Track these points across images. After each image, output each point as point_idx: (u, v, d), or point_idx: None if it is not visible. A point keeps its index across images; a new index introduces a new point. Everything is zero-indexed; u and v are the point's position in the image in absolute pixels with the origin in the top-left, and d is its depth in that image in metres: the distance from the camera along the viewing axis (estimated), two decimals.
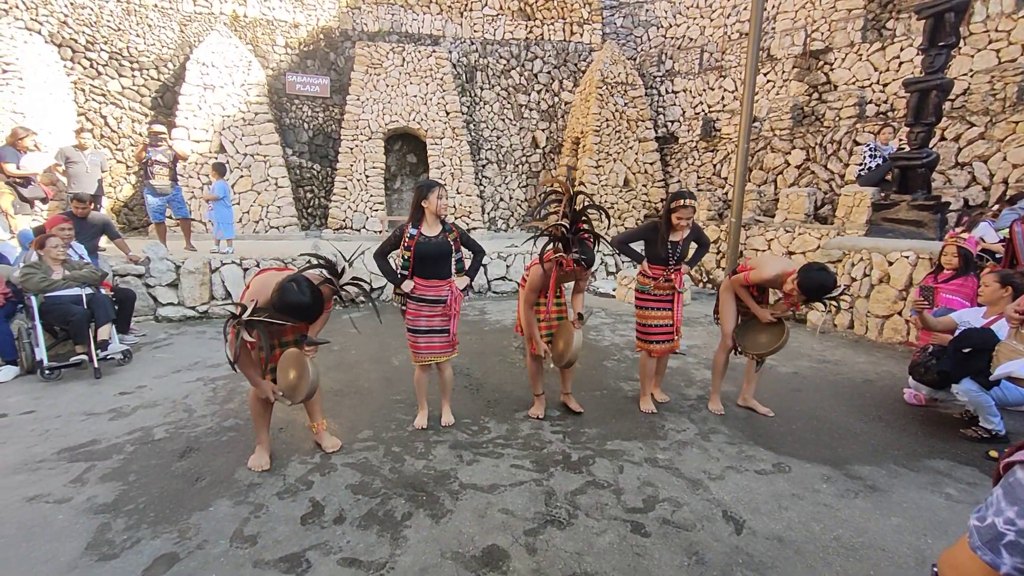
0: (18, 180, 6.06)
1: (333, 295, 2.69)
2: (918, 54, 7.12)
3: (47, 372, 3.98)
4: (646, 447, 3.06)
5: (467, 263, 3.35)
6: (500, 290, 8.23)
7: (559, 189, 3.15)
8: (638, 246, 3.58)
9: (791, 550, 2.15)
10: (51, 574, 1.92)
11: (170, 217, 7.37)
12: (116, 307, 4.60)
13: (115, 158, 10.15)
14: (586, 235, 3.07)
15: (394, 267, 3.17)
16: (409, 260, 3.06)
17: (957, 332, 3.25)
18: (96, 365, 4.09)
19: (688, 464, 2.86)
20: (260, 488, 2.53)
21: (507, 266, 8.29)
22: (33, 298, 4.05)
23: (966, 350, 3.09)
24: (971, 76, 7.61)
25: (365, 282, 2.77)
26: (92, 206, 5.28)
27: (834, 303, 3.18)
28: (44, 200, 6.49)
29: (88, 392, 3.79)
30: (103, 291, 4.49)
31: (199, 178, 9.80)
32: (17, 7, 9.65)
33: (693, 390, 4.07)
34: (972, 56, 7.77)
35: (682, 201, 3.31)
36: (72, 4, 9.97)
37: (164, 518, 2.27)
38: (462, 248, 3.24)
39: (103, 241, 5.54)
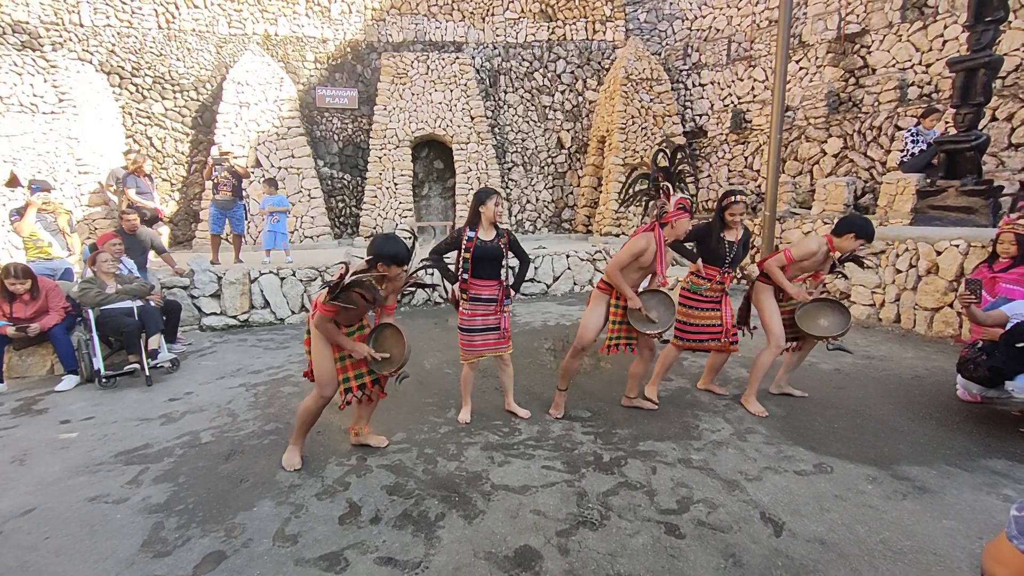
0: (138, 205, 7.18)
1: (406, 282, 2.75)
2: (963, 31, 6.73)
3: (104, 380, 4.23)
4: (680, 448, 3.01)
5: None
6: (529, 292, 8.24)
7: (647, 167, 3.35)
8: (689, 245, 3.66)
9: (834, 553, 2.07)
10: (112, 569, 2.05)
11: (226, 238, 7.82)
12: (164, 318, 4.86)
13: (160, 176, 10.70)
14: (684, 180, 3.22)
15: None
16: (468, 262, 3.22)
17: (1009, 325, 3.06)
18: (147, 373, 4.33)
19: (724, 465, 2.80)
20: (300, 489, 2.62)
21: (535, 268, 8.30)
22: (90, 311, 4.32)
23: (1020, 344, 2.91)
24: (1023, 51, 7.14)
25: (429, 275, 2.83)
26: (139, 221, 5.59)
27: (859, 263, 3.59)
28: (155, 219, 7.49)
29: (141, 399, 4.01)
30: (152, 303, 4.75)
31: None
32: (71, 40, 10.33)
33: (728, 389, 3.97)
34: None
35: (733, 198, 3.42)
36: (119, 34, 10.60)
37: (212, 517, 2.39)
38: (510, 253, 3.35)
39: (151, 255, 5.86)
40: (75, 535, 2.27)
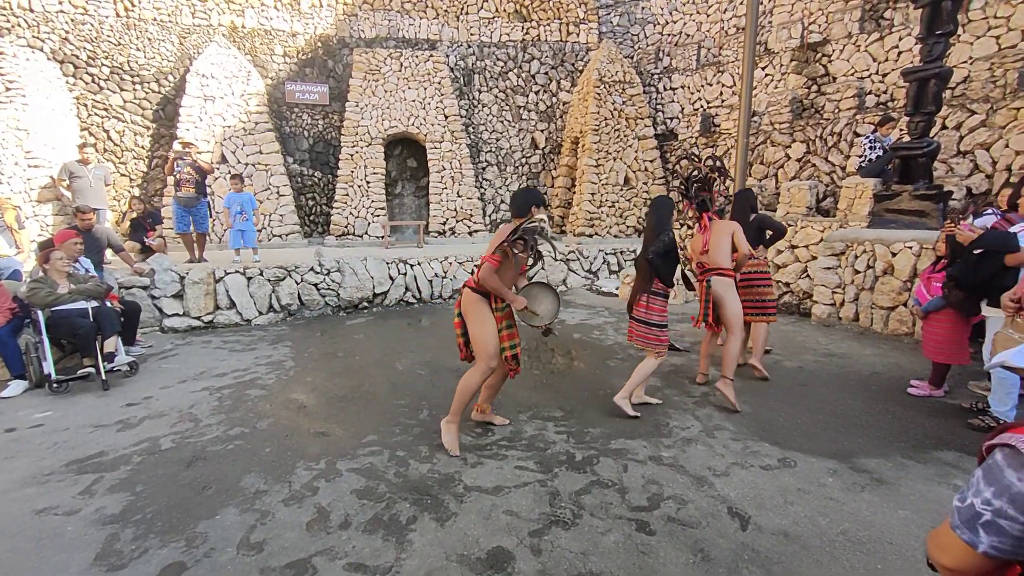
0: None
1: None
2: (916, 43, 7.08)
3: (55, 385, 4.01)
4: (650, 445, 3.05)
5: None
6: None
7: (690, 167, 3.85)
8: None
9: (797, 545, 2.14)
10: None
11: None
12: (122, 319, 4.64)
13: (118, 171, 10.25)
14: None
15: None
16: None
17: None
18: (103, 377, 4.13)
19: (693, 461, 2.86)
20: (266, 495, 2.54)
21: None
22: (40, 312, 4.09)
23: (977, 251, 3.12)
24: (971, 63, 7.55)
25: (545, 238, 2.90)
26: (95, 218, 5.34)
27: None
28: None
29: (96, 404, 3.82)
30: (109, 304, 4.54)
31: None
32: (19, 25, 9.77)
33: (697, 387, 4.06)
34: (971, 43, 7.71)
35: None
36: (73, 21, 10.09)
37: (171, 527, 2.29)
38: None
39: (108, 254, 5.60)
40: (21, 550, 2.14)
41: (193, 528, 2.28)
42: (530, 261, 2.99)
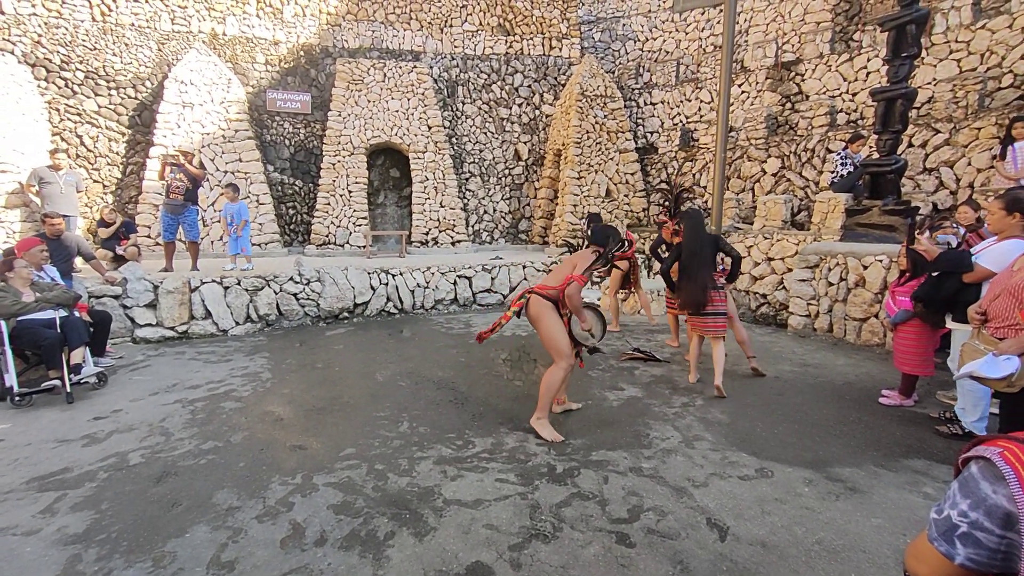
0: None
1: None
2: (884, 64, 7.37)
3: (17, 399, 3.86)
4: (631, 456, 3.06)
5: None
6: (485, 302, 8.23)
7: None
8: None
9: (775, 555, 2.16)
10: None
11: (180, 240, 7.32)
12: (91, 330, 4.50)
13: (91, 178, 9.98)
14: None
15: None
16: None
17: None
18: (68, 390, 3.98)
19: (673, 472, 2.87)
20: (239, 512, 2.47)
21: (492, 278, 8.30)
22: (3, 322, 3.94)
23: (936, 273, 3.26)
24: (935, 85, 7.89)
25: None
26: (64, 225, 5.18)
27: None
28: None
29: (61, 418, 3.68)
30: (77, 313, 4.39)
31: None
32: None
33: (677, 397, 4.10)
34: (935, 66, 8.06)
35: None
36: (46, 24, 9.87)
37: (138, 547, 2.21)
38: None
39: (78, 262, 5.43)
40: None
41: (161, 547, 2.20)
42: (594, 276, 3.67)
